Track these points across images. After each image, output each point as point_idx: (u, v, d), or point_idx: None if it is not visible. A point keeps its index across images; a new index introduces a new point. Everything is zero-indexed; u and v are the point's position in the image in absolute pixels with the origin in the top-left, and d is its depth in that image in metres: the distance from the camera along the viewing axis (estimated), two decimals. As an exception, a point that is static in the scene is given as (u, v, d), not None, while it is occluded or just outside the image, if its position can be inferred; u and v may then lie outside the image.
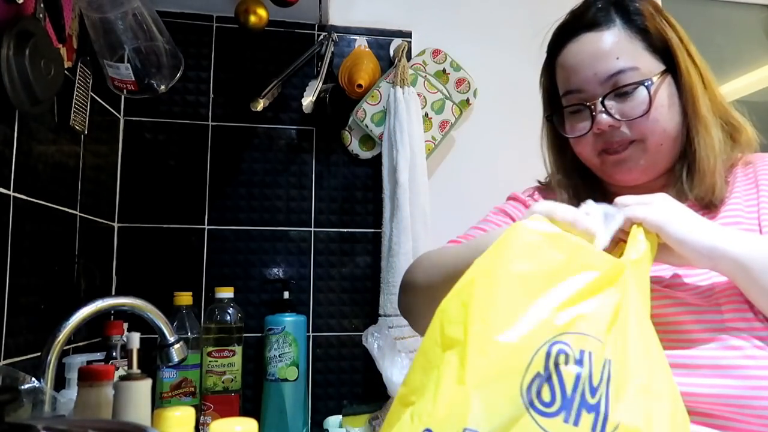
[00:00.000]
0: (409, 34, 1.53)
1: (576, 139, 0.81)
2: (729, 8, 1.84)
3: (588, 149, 0.80)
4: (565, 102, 0.81)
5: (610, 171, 0.79)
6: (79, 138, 1.14)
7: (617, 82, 0.75)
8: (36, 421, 0.55)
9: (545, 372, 0.47)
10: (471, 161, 1.53)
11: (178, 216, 1.40)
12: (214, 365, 1.26)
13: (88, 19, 0.92)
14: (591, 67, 0.76)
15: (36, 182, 0.95)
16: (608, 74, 0.75)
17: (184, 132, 1.42)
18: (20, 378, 0.67)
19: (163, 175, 1.40)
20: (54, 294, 1.02)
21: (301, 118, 1.45)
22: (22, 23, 0.85)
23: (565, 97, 0.81)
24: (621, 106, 0.75)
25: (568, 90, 0.80)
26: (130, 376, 0.84)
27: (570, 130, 0.81)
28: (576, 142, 0.81)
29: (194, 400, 1.23)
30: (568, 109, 0.81)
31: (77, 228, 1.13)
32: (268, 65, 1.45)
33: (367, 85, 1.43)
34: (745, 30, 1.87)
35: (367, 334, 1.31)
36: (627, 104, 0.75)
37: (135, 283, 1.35)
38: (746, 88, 1.85)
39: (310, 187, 1.46)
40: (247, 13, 1.28)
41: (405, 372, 1.33)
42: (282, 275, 1.42)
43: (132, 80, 0.96)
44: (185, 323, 1.25)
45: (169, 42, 0.99)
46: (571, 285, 0.51)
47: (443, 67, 1.50)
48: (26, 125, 0.92)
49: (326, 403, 1.41)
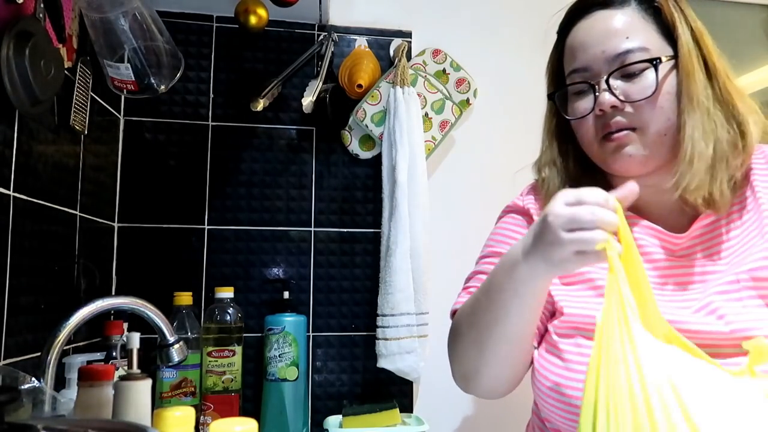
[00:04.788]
0: (409, 34, 1.53)
1: (577, 122, 0.79)
2: (729, 8, 1.84)
3: (589, 133, 0.78)
4: (570, 81, 0.79)
5: (609, 159, 0.77)
6: (79, 138, 1.14)
7: (624, 60, 0.73)
8: (36, 421, 0.55)
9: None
10: (471, 161, 1.53)
11: (178, 216, 1.40)
12: (214, 365, 1.26)
13: (88, 19, 0.92)
14: (600, 45, 0.75)
15: (36, 182, 0.95)
16: (616, 53, 0.74)
17: (184, 132, 1.42)
18: (20, 378, 0.67)
19: (163, 175, 1.40)
20: (54, 294, 1.02)
21: (301, 118, 1.45)
22: (22, 23, 0.85)
23: (570, 76, 0.79)
24: (626, 87, 0.74)
25: (574, 69, 0.78)
26: (130, 376, 0.84)
27: (572, 112, 0.79)
28: (578, 125, 0.79)
29: (194, 400, 1.23)
30: (572, 88, 0.79)
31: (77, 228, 1.13)
32: (268, 65, 1.45)
33: (367, 85, 1.43)
34: (745, 30, 1.87)
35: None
36: (633, 86, 0.73)
37: (135, 283, 1.35)
38: (746, 88, 1.84)
39: (310, 187, 1.46)
40: (247, 13, 1.28)
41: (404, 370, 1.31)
42: (282, 275, 1.42)
43: (132, 80, 0.96)
44: (185, 323, 1.25)
45: (169, 42, 0.99)
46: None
47: (443, 67, 1.50)
48: (26, 125, 0.92)
49: (326, 403, 1.41)
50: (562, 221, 0.60)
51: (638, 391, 0.50)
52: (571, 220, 0.60)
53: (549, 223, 0.61)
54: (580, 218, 0.59)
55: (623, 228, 0.58)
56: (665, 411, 0.48)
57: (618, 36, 0.74)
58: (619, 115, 0.74)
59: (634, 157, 0.75)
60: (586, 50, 0.76)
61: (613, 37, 0.74)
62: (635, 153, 0.75)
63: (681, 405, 0.49)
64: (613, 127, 0.75)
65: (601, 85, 0.74)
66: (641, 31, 0.75)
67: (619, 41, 0.74)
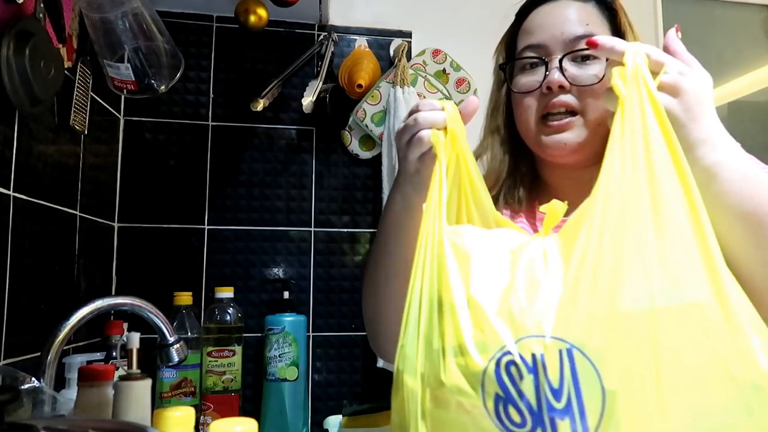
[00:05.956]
0: (409, 34, 1.53)
1: (521, 97, 0.80)
2: (729, 8, 1.84)
3: (530, 110, 0.79)
4: (523, 55, 0.81)
5: (545, 142, 0.78)
6: (79, 138, 1.14)
7: (580, 45, 0.76)
8: (36, 421, 0.55)
9: (503, 391, 0.45)
10: (471, 161, 1.53)
11: (178, 216, 1.40)
12: (214, 365, 1.26)
13: (88, 19, 0.92)
14: (560, 26, 0.77)
15: (36, 182, 0.95)
16: (575, 35, 0.76)
17: (184, 132, 1.42)
18: (20, 378, 0.67)
19: (163, 175, 1.40)
20: (54, 294, 1.02)
21: (301, 118, 1.45)
22: (22, 23, 0.85)
23: (523, 51, 0.81)
24: (576, 71, 0.76)
25: (529, 44, 0.80)
26: (130, 376, 0.84)
27: (518, 86, 0.80)
28: (520, 99, 0.80)
29: (194, 400, 1.23)
30: (524, 61, 0.80)
31: (77, 228, 1.13)
32: (268, 65, 1.45)
33: (367, 85, 1.43)
34: (745, 30, 1.87)
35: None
36: (582, 70, 0.75)
37: (135, 283, 1.35)
38: (746, 88, 1.85)
39: (310, 187, 1.46)
40: (247, 13, 1.28)
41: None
42: (282, 275, 1.42)
43: (132, 80, 0.96)
44: (185, 323, 1.25)
45: (169, 42, 0.99)
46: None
47: (443, 67, 1.50)
48: (26, 125, 0.92)
49: (326, 403, 1.41)
50: (399, 134, 0.68)
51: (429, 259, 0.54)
52: (405, 128, 0.66)
53: (396, 143, 0.69)
54: (410, 125, 0.66)
55: (454, 127, 0.62)
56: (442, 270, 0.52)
57: (579, 22, 0.77)
58: (563, 96, 0.76)
59: (568, 145, 0.76)
60: (544, 30, 0.79)
61: (574, 22, 0.77)
62: (570, 140, 0.76)
63: (460, 261, 0.52)
64: (556, 106, 0.76)
65: (554, 62, 0.76)
66: (599, 24, 0.78)
67: (579, 26, 0.77)
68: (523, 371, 0.44)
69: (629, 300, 0.45)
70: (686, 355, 0.44)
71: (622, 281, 0.46)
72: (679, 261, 0.46)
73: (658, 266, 0.46)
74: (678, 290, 0.45)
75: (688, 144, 0.56)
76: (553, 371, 0.44)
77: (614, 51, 0.58)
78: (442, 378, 0.47)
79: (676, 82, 0.57)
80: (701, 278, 0.46)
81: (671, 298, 0.45)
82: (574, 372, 0.43)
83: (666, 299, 0.45)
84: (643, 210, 0.48)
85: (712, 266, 0.46)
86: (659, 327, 0.44)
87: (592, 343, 0.44)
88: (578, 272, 0.47)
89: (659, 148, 0.50)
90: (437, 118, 0.64)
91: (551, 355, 0.44)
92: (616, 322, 0.44)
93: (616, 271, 0.46)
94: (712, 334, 0.44)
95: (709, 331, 0.44)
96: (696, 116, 0.57)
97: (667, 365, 0.43)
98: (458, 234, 0.54)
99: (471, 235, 0.54)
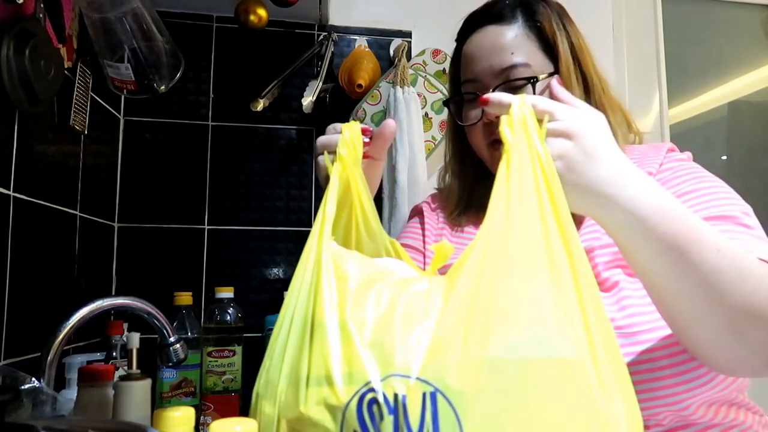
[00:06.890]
0: (409, 34, 1.53)
1: (469, 128, 0.83)
2: (729, 8, 1.84)
3: (479, 138, 0.82)
4: (463, 90, 0.84)
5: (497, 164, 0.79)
6: (79, 138, 1.14)
7: (509, 76, 0.78)
8: (36, 421, 0.55)
9: (362, 430, 0.43)
10: (471, 161, 1.54)
11: (178, 216, 1.40)
12: (214, 365, 1.26)
13: (88, 19, 0.92)
14: (488, 59, 0.79)
15: (36, 182, 0.95)
16: (501, 67, 0.78)
17: (184, 132, 1.42)
18: (20, 378, 0.67)
19: (163, 175, 1.40)
20: (54, 294, 1.02)
21: (301, 118, 1.45)
22: (22, 23, 0.85)
23: (463, 85, 0.84)
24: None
25: (466, 78, 0.83)
26: (130, 376, 0.83)
27: (464, 119, 0.84)
28: (469, 130, 0.84)
29: (194, 400, 1.23)
30: (466, 96, 0.83)
31: (77, 228, 1.13)
32: (268, 65, 1.45)
33: (367, 85, 1.43)
34: (745, 30, 1.87)
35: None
36: None
37: (135, 283, 1.35)
38: (746, 88, 1.85)
39: (310, 187, 1.46)
40: (247, 13, 1.28)
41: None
42: (282, 275, 1.42)
43: (132, 80, 0.96)
44: (185, 323, 1.25)
45: (169, 42, 0.99)
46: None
47: (443, 67, 1.50)
48: (26, 125, 0.92)
49: (326, 403, 1.41)
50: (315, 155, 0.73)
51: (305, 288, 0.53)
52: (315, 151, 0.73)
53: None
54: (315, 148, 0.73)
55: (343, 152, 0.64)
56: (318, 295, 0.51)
57: (504, 51, 0.79)
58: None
59: None
60: (476, 63, 0.81)
61: (500, 52, 0.79)
62: None
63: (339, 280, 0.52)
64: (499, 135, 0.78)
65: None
66: (525, 47, 0.79)
67: (505, 57, 0.78)
68: (384, 411, 0.43)
69: (499, 348, 0.44)
70: (550, 410, 0.43)
71: (494, 329, 0.45)
72: (555, 314, 0.45)
73: (533, 317, 0.45)
74: (549, 343, 0.44)
75: (598, 184, 0.55)
76: (414, 414, 0.43)
77: (502, 105, 0.58)
78: (302, 409, 0.46)
79: (567, 127, 0.56)
80: (575, 333, 0.45)
81: (542, 350, 0.44)
82: (435, 417, 0.42)
83: (536, 351, 0.44)
84: (523, 258, 0.47)
85: (586, 322, 0.46)
86: (527, 378, 0.43)
87: (456, 388, 0.43)
88: (454, 316, 0.46)
89: (543, 196, 0.50)
90: (331, 142, 0.68)
91: (414, 397, 0.43)
92: (483, 369, 0.43)
93: (489, 319, 0.45)
94: (578, 392, 0.43)
95: (575, 388, 0.43)
96: (597, 155, 0.55)
97: (529, 417, 0.42)
98: (341, 256, 0.54)
99: (355, 260, 0.54)
